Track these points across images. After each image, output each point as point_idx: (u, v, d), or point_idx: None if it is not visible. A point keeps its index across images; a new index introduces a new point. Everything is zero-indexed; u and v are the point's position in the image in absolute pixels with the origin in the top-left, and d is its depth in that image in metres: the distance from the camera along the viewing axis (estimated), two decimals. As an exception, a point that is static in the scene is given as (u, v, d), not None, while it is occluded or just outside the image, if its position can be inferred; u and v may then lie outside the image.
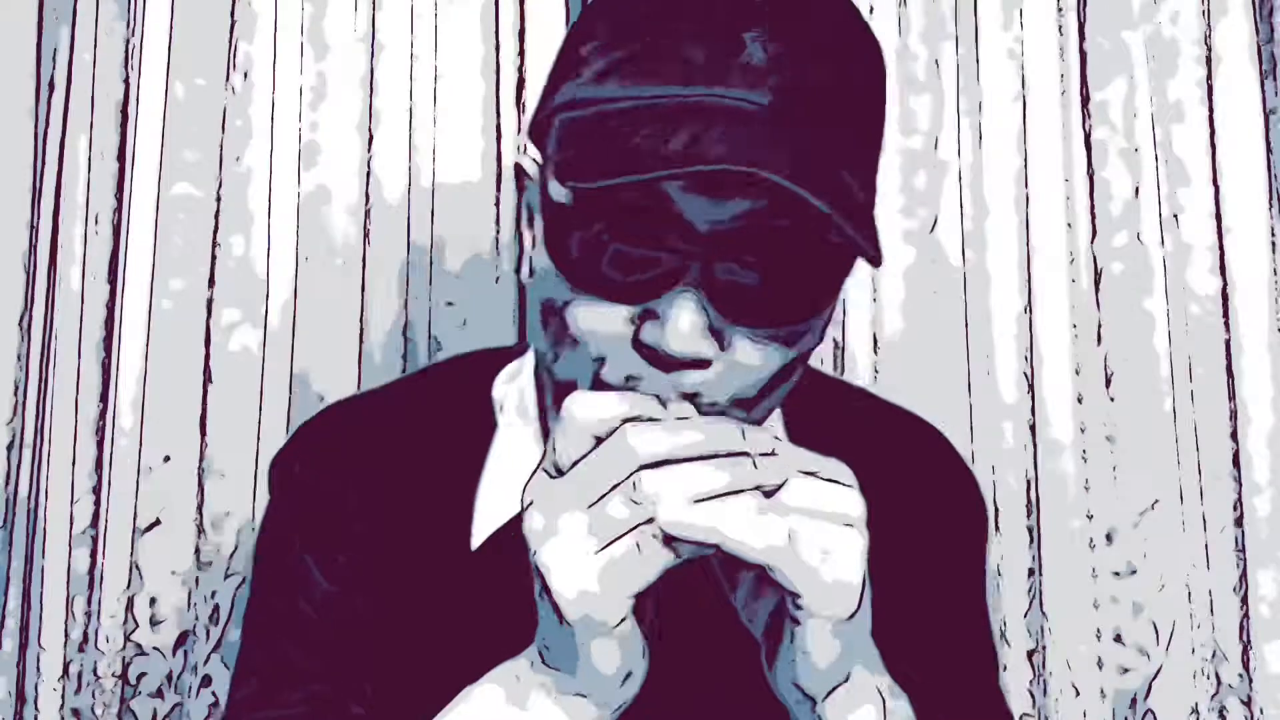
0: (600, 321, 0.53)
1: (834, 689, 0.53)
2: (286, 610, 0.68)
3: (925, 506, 0.71)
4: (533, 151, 0.61)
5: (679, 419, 0.51)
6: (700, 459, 0.48)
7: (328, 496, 0.69)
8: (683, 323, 0.50)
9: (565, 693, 0.52)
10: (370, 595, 0.67)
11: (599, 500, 0.48)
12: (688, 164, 0.47)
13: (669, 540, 0.47)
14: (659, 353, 0.51)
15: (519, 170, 0.62)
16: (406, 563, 0.67)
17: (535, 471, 0.52)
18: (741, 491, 0.47)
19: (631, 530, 0.47)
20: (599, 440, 0.49)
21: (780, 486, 0.49)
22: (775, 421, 0.70)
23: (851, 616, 0.50)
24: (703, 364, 0.52)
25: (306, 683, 0.66)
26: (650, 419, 0.50)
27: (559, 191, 0.54)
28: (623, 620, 0.49)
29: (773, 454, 0.49)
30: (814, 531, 0.48)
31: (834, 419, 0.69)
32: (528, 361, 0.72)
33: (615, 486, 0.48)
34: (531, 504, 0.50)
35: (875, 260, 0.50)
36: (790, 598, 0.49)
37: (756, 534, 0.47)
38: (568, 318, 0.54)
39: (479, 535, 0.66)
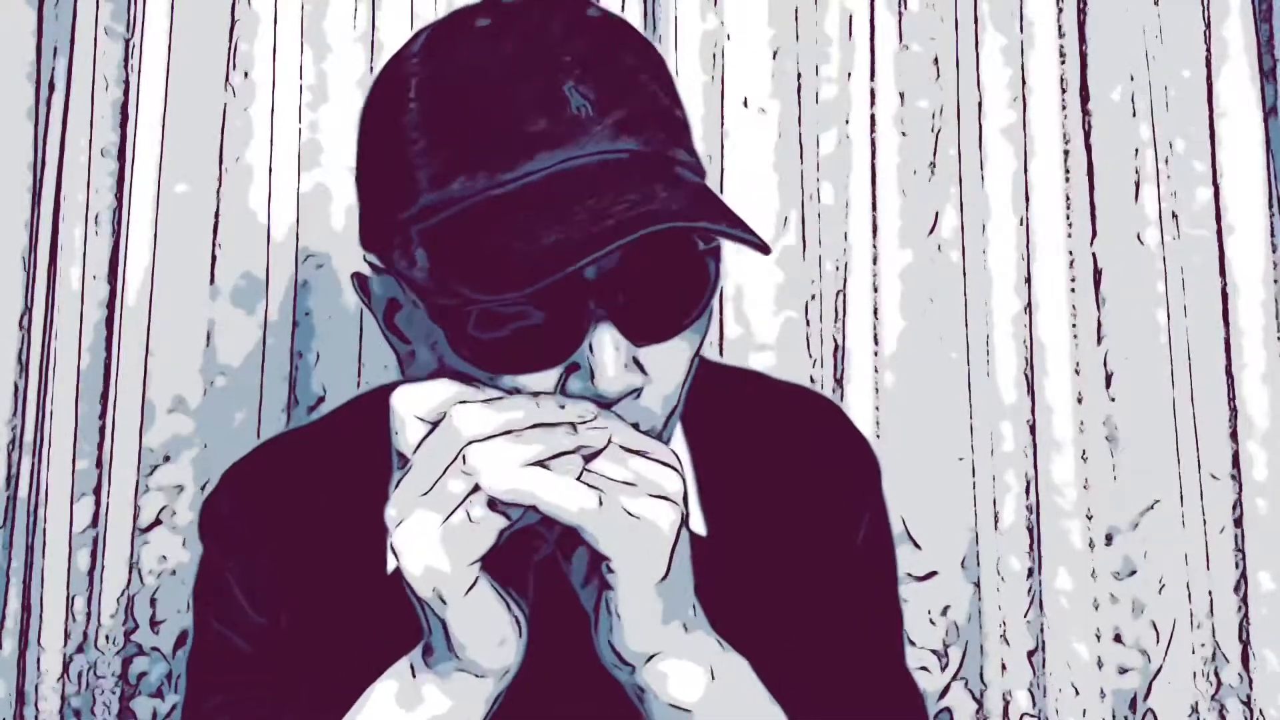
0: (527, 388, 0.54)
1: (654, 656, 0.55)
2: (221, 644, 0.71)
3: (821, 474, 0.73)
4: (370, 256, 0.61)
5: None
6: (521, 431, 0.50)
7: (253, 535, 0.72)
8: (608, 369, 0.51)
9: (448, 673, 0.55)
10: (295, 622, 0.70)
11: (436, 482, 0.50)
12: (602, 243, 0.47)
13: (495, 506, 0.50)
14: (595, 400, 0.52)
15: (361, 275, 0.62)
16: (327, 591, 0.70)
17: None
18: (562, 454, 0.50)
19: (463, 502, 0.50)
20: (434, 426, 0.52)
21: (602, 450, 0.51)
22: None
23: (663, 580, 0.52)
24: (635, 393, 0.54)
25: (243, 694, 0.70)
26: (474, 400, 0.52)
27: (443, 299, 0.53)
28: (472, 587, 0.51)
29: (594, 419, 0.51)
30: (625, 498, 0.50)
31: (727, 402, 0.71)
32: None
33: (447, 467, 0.50)
34: (390, 499, 0.52)
35: (764, 246, 0.51)
36: (604, 561, 0.51)
37: (570, 496, 0.49)
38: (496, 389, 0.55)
39: (391, 559, 0.67)
